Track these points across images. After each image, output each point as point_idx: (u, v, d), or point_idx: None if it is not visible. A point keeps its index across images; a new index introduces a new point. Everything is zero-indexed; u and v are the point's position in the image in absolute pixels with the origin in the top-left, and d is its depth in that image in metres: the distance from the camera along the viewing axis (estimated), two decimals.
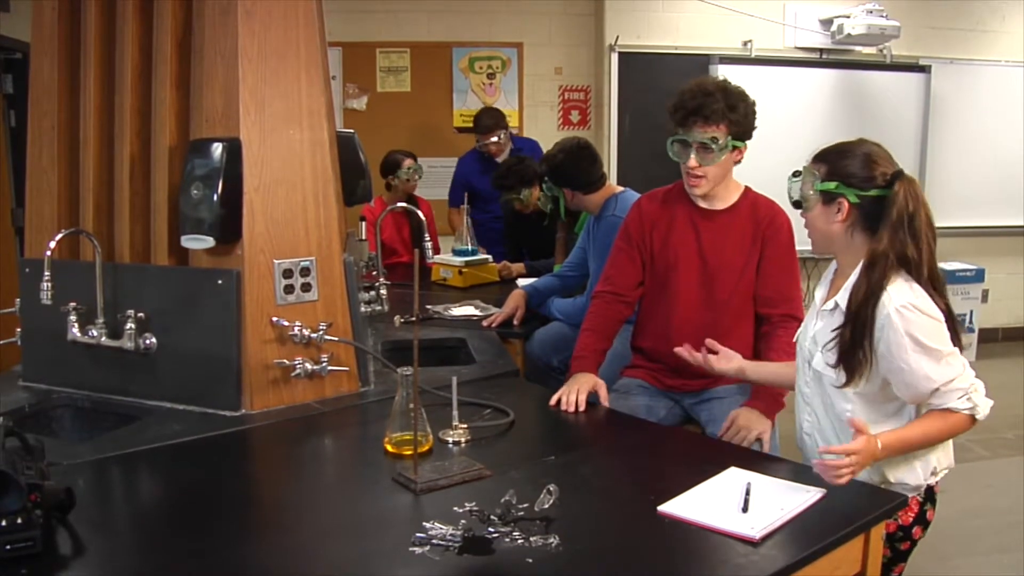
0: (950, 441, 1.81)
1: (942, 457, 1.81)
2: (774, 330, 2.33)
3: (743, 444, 2.11)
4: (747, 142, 2.33)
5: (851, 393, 1.75)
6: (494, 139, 4.60)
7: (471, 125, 4.85)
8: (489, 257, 3.96)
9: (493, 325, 3.05)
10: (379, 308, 2.60)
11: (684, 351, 2.13)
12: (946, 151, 5.99)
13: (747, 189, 2.43)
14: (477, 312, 3.21)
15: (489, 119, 4.67)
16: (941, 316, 1.68)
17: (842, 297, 1.76)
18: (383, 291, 2.61)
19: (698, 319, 2.38)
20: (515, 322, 3.13)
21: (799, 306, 2.37)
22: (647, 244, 2.43)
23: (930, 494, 1.82)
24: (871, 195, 1.72)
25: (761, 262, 2.36)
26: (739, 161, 2.36)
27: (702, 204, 2.39)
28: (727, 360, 2.10)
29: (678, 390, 2.45)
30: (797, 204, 1.85)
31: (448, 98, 5.71)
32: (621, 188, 3.13)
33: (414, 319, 1.79)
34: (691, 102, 2.24)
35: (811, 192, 1.80)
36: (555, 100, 5.86)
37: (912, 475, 1.77)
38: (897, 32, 5.47)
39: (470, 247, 3.91)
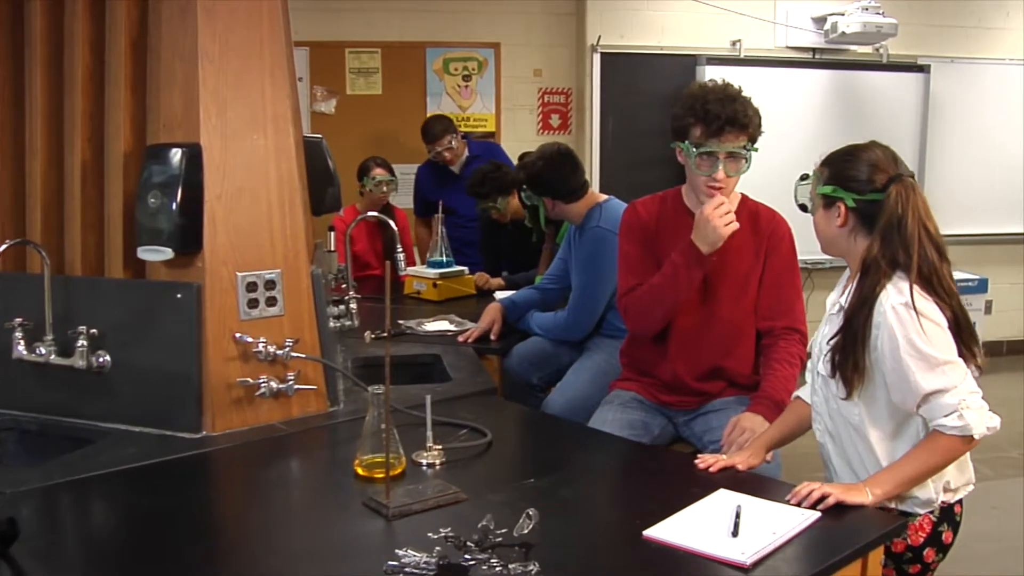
0: (966, 457, 1.80)
1: (957, 474, 1.80)
2: (775, 342, 2.36)
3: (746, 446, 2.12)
4: None
5: (857, 398, 1.77)
6: (445, 146, 4.61)
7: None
8: (465, 269, 3.97)
9: (469, 340, 3.05)
10: (349, 323, 2.59)
11: (709, 464, 1.88)
12: (946, 155, 6.06)
13: (744, 197, 2.45)
14: (452, 327, 3.21)
15: (437, 125, 4.68)
16: (942, 320, 1.70)
17: (847, 300, 1.79)
18: (353, 305, 2.60)
19: (697, 335, 2.40)
20: (492, 337, 3.13)
21: (802, 318, 2.40)
22: (650, 246, 2.43)
23: (948, 514, 1.80)
24: (867, 199, 1.76)
25: (764, 274, 2.39)
26: None
27: None
28: (755, 454, 1.93)
29: (673, 407, 2.47)
30: (803, 207, 1.91)
31: (422, 101, 5.73)
32: (605, 196, 3.15)
33: (386, 335, 1.80)
34: (724, 110, 2.21)
35: (813, 194, 1.86)
36: (534, 103, 5.90)
37: (922, 490, 1.76)
38: (894, 30, 5.51)
39: (445, 258, 3.91)
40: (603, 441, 2.14)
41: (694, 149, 2.26)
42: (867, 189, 1.76)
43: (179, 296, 2.00)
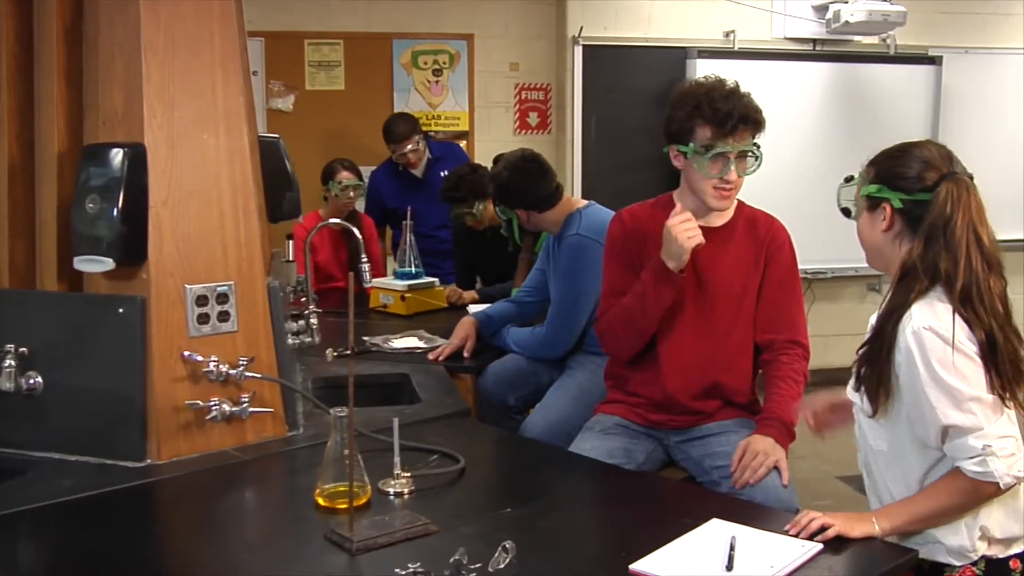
0: (1018, 502, 1.72)
1: (1002, 518, 1.71)
2: (776, 358, 2.39)
3: (759, 471, 2.14)
4: None
5: (880, 427, 1.76)
6: (411, 147, 4.64)
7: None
8: (435, 281, 3.99)
9: (440, 358, 3.05)
10: (309, 340, 2.61)
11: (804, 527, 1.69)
12: (961, 154, 5.78)
13: (740, 203, 2.48)
14: (421, 344, 3.21)
15: (404, 125, 4.72)
16: (971, 348, 1.63)
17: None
18: (314, 320, 2.62)
19: (692, 350, 2.41)
20: (465, 354, 3.14)
21: (803, 332, 2.43)
22: (636, 262, 2.45)
23: (997, 569, 1.71)
24: (916, 199, 1.71)
25: (763, 285, 2.42)
26: None
27: (697, 220, 2.38)
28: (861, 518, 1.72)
29: (662, 427, 2.47)
30: (846, 212, 1.89)
31: (388, 98, 5.75)
32: (585, 202, 3.17)
33: (349, 352, 1.80)
34: (735, 107, 2.25)
35: (857, 196, 1.82)
36: (511, 100, 5.93)
37: (954, 536, 1.70)
38: (903, 19, 5.50)
39: (414, 269, 3.92)
40: (587, 467, 2.14)
41: (704, 151, 2.27)
42: (916, 188, 1.71)
43: (121, 311, 1.99)
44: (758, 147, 2.31)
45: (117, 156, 1.95)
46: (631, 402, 2.51)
